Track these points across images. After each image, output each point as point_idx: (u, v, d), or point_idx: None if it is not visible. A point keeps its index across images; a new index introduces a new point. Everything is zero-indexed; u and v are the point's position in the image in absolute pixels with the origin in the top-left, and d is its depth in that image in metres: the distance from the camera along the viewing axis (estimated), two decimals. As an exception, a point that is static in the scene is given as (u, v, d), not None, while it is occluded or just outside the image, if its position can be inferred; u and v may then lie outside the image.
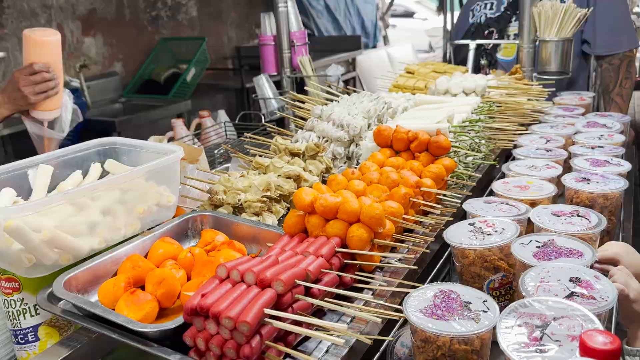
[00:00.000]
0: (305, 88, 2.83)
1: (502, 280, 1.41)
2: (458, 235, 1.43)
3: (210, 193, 1.65)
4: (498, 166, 2.19)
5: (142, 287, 1.28)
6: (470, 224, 1.49)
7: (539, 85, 2.70)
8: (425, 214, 1.63)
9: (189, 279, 1.32)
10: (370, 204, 1.31)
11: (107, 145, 1.70)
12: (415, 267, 1.25)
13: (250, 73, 5.38)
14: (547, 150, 2.09)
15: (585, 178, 1.78)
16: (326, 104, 2.32)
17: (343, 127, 2.03)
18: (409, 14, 14.42)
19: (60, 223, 1.32)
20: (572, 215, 1.52)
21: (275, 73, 3.60)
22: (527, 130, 2.40)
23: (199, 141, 3.39)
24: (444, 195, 1.62)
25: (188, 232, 1.55)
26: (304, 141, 2.08)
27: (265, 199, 1.61)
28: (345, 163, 2.08)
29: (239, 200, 1.61)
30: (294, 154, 1.93)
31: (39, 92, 1.96)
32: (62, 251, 1.31)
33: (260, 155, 1.95)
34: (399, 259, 1.38)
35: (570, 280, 1.18)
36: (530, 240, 1.38)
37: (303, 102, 2.40)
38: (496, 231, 1.43)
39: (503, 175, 2.01)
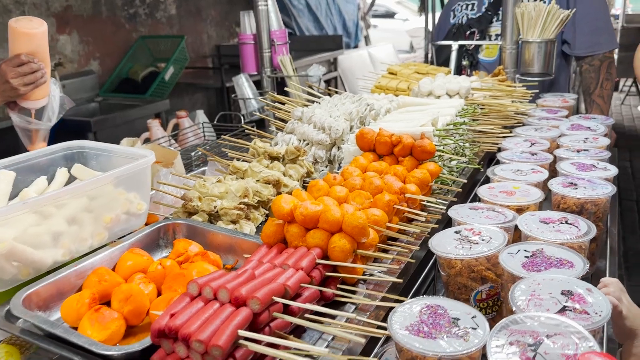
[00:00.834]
0: (286, 89, 2.75)
1: (490, 292, 1.35)
2: (444, 244, 1.37)
3: (184, 199, 1.56)
4: (482, 170, 2.14)
5: (109, 303, 1.20)
6: (456, 232, 1.43)
7: (522, 87, 2.66)
8: (410, 221, 1.57)
9: (159, 293, 1.24)
10: (353, 212, 1.25)
11: (74, 149, 1.61)
12: (400, 280, 1.19)
13: (231, 72, 5.29)
14: (532, 154, 2.04)
15: (572, 183, 1.74)
16: (307, 106, 2.25)
17: (324, 129, 1.96)
18: (389, 15, 14.43)
19: (21, 234, 1.23)
20: (561, 223, 1.46)
21: (256, 73, 3.52)
22: (510, 132, 2.36)
23: (176, 142, 3.30)
24: (429, 201, 1.56)
25: (160, 242, 1.46)
26: (284, 144, 2.00)
27: (242, 206, 1.54)
28: (326, 167, 2.01)
29: (215, 207, 1.53)
30: (273, 158, 1.85)
31: (28, 83, 1.95)
32: (21, 265, 1.22)
33: (238, 159, 1.87)
34: (383, 270, 1.32)
35: (562, 293, 1.12)
36: (519, 250, 1.32)
37: (283, 104, 2.33)
38: (483, 240, 1.37)
39: (488, 180, 1.97)
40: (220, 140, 2.16)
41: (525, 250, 1.32)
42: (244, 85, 3.41)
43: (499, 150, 2.22)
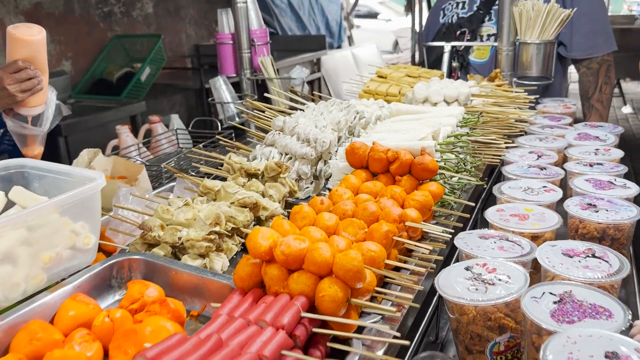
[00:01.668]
0: (266, 95, 2.52)
1: (509, 342, 1.13)
2: (453, 285, 1.15)
3: (142, 229, 1.32)
4: (485, 186, 1.93)
5: (43, 367, 0.95)
6: (466, 268, 1.21)
7: (524, 93, 2.45)
8: (409, 251, 1.34)
9: (106, 354, 1.00)
10: (346, 252, 1.01)
11: (12, 168, 1.36)
12: (407, 342, 0.96)
13: (210, 73, 5.08)
14: (541, 169, 1.84)
15: (591, 204, 1.53)
16: (289, 114, 2.01)
17: (309, 142, 1.73)
18: (372, 15, 14.29)
19: None
20: (587, 256, 1.25)
21: (234, 75, 3.28)
22: (512, 142, 2.15)
23: (148, 150, 3.04)
24: (433, 231, 1.34)
25: (112, 282, 1.22)
26: (264, 159, 1.77)
27: (213, 236, 1.30)
28: (312, 183, 1.78)
29: (180, 238, 1.29)
30: (251, 175, 1.62)
31: (25, 90, 1.94)
32: None
33: (210, 176, 1.63)
34: (382, 317, 1.10)
35: (607, 356, 0.91)
36: (544, 293, 1.10)
37: (263, 111, 2.09)
38: (500, 279, 1.15)
39: (491, 197, 1.76)
40: (189, 154, 1.91)
41: (551, 293, 1.10)
42: (221, 88, 3.16)
43: (502, 163, 2.01)
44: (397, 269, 1.23)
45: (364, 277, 1.02)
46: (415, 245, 1.27)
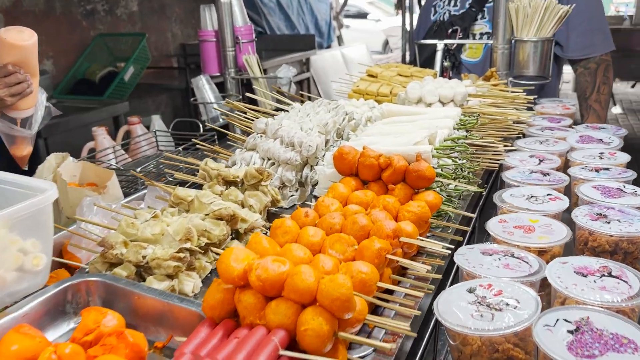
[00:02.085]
0: (248, 95, 2.37)
1: (519, 377, 1.00)
2: (454, 310, 1.01)
3: (103, 246, 1.17)
4: (484, 193, 1.80)
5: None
6: (469, 291, 1.07)
7: (523, 93, 2.32)
8: (404, 269, 1.20)
9: (51, 398, 0.85)
10: (333, 276, 0.87)
11: (-45, 178, 1.20)
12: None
13: (197, 72, 4.91)
14: (544, 174, 1.71)
15: (601, 214, 1.40)
16: (273, 116, 1.87)
17: (294, 146, 1.59)
18: (362, 15, 14.23)
19: None
20: (603, 275, 1.12)
21: (218, 74, 3.13)
22: (511, 145, 2.03)
23: (127, 153, 2.89)
24: (431, 248, 1.20)
25: (67, 308, 1.07)
26: (244, 164, 1.62)
27: (182, 254, 1.15)
28: (297, 191, 1.64)
29: (144, 257, 1.14)
30: (229, 183, 1.47)
31: (14, 94, 1.94)
32: None
33: (184, 184, 1.49)
34: (374, 350, 0.96)
35: (637, 401, 0.78)
36: (557, 320, 0.97)
37: (245, 112, 1.94)
38: (507, 304, 1.02)
39: (489, 203, 1.63)
40: (163, 160, 1.76)
41: (566, 321, 0.97)
42: (204, 88, 3.01)
43: (501, 168, 1.89)
44: (390, 291, 1.10)
45: (353, 306, 0.88)
46: (411, 264, 1.13)
